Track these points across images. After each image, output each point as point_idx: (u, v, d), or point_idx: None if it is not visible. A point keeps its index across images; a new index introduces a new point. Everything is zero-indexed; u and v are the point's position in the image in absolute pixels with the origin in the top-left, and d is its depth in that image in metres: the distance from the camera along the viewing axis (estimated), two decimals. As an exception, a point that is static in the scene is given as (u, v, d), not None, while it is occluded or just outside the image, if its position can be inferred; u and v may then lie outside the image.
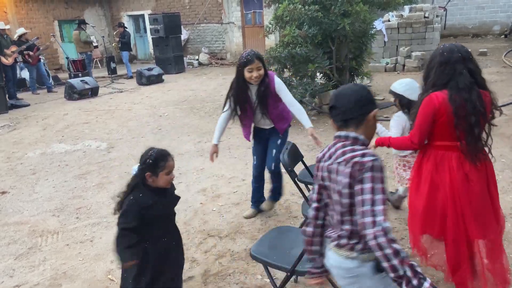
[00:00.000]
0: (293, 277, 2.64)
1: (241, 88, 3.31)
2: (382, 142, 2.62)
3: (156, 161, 2.20)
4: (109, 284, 3.03)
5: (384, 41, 11.45)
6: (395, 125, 3.11)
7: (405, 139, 2.48)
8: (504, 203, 3.75)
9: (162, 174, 2.22)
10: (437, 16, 11.62)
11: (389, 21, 11.48)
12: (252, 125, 3.60)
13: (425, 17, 11.17)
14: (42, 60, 11.70)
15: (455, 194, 2.30)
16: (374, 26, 10.18)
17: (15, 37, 11.13)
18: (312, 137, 3.20)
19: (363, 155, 1.57)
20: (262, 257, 2.31)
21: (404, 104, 3.06)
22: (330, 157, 1.69)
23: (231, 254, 3.29)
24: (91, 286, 3.01)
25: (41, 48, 11.41)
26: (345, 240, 1.65)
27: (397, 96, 3.07)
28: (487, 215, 2.34)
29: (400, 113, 3.13)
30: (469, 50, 2.35)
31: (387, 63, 11.17)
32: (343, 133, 1.69)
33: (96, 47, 12.73)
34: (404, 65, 10.91)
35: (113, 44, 13.46)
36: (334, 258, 1.71)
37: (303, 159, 3.13)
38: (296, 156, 2.97)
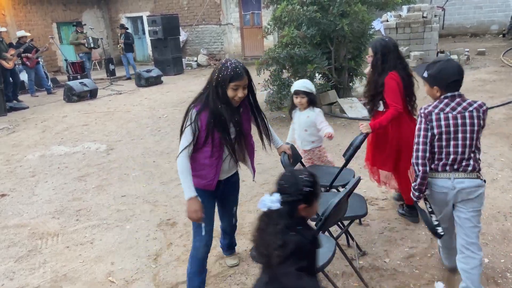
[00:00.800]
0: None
1: (221, 109, 2.36)
2: (376, 127, 3.19)
3: (314, 187, 1.71)
4: (109, 286, 3.02)
5: (383, 41, 11.45)
6: (323, 119, 3.49)
7: (390, 112, 3.16)
8: (504, 202, 3.77)
9: (315, 201, 1.74)
10: (435, 16, 11.63)
11: (387, 21, 11.49)
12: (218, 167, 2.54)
13: (423, 17, 11.18)
14: (41, 63, 11.70)
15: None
16: (372, 26, 10.20)
17: (15, 39, 11.12)
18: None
19: (483, 104, 2.33)
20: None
21: (313, 100, 3.50)
22: (454, 109, 2.31)
23: (240, 258, 3.28)
24: (92, 288, 3.01)
25: (40, 50, 11.39)
26: (473, 167, 2.35)
27: (309, 94, 3.46)
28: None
29: (318, 109, 3.53)
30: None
31: (385, 63, 11.16)
32: (456, 93, 2.33)
33: (92, 48, 12.68)
34: (402, 65, 10.91)
35: (118, 46, 13.50)
36: (467, 181, 2.34)
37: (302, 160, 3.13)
38: (295, 157, 2.97)
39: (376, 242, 3.32)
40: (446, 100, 2.33)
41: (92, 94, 10.73)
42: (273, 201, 1.60)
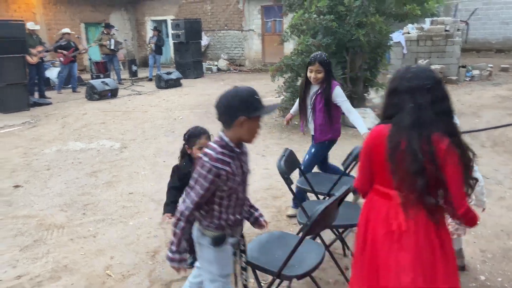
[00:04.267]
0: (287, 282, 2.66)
1: None
2: None
3: (189, 137, 2.79)
4: (106, 279, 3.10)
5: (403, 53, 11.38)
6: None
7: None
8: (508, 220, 3.71)
9: (195, 148, 2.74)
10: (458, 30, 11.48)
11: (408, 33, 11.40)
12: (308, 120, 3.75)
13: (445, 30, 11.06)
14: (75, 62, 12.08)
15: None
16: (391, 38, 10.15)
17: (59, 33, 11.56)
18: None
19: (204, 154, 1.94)
20: (250, 260, 2.34)
21: None
22: None
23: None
24: (89, 280, 3.09)
25: (78, 50, 11.81)
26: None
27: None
28: None
29: None
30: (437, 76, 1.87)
31: (405, 75, 11.08)
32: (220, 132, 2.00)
33: (112, 50, 12.98)
34: (422, 78, 10.80)
35: (148, 46, 13.88)
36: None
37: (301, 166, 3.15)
38: (293, 163, 3.00)
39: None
40: None
41: (112, 93, 10.98)
42: None
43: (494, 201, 4.12)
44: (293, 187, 3.08)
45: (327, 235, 3.14)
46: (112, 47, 12.89)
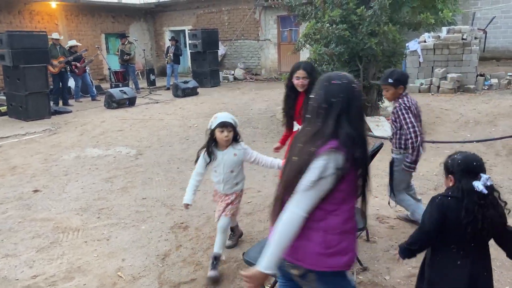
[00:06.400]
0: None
1: None
2: None
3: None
4: (117, 280, 3.20)
5: (419, 62, 11.32)
6: (253, 151, 3.24)
7: None
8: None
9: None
10: (475, 38, 11.36)
11: (425, 42, 11.34)
12: None
13: (463, 39, 10.96)
14: (87, 71, 12.45)
15: None
16: (407, 47, 10.11)
17: (66, 47, 11.94)
18: None
19: None
20: (254, 262, 2.39)
21: (237, 134, 3.07)
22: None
23: (235, 260, 3.39)
24: (101, 281, 3.19)
25: (87, 60, 12.18)
26: None
27: (235, 128, 3.02)
28: None
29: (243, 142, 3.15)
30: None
31: (421, 84, 11.01)
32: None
33: (126, 60, 13.30)
34: (439, 87, 10.72)
35: (167, 56, 14.17)
36: None
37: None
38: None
39: (380, 259, 3.31)
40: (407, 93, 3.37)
41: (130, 101, 11.23)
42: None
43: (506, 211, 4.06)
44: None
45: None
46: (120, 56, 13.30)
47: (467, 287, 2.03)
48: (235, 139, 3.07)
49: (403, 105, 3.44)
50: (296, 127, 3.73)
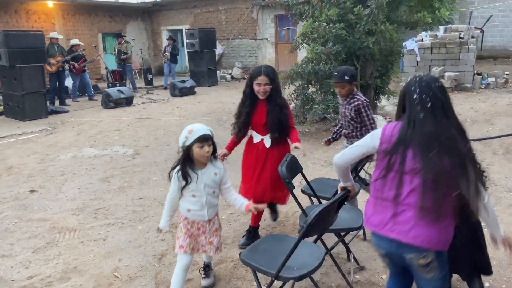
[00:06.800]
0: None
1: None
2: None
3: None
4: (113, 280, 3.19)
5: (417, 61, 11.33)
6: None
7: None
8: None
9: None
10: (472, 37, 11.38)
11: (422, 41, 11.36)
12: None
13: (460, 37, 10.98)
14: (86, 71, 12.43)
15: None
16: (405, 46, 10.12)
17: (68, 46, 11.93)
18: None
19: None
20: (250, 262, 2.39)
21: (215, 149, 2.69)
22: None
23: (232, 260, 3.38)
24: (97, 281, 3.18)
25: (87, 60, 12.16)
26: None
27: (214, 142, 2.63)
28: None
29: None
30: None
31: (418, 83, 11.02)
32: None
33: (123, 59, 13.27)
34: (436, 86, 10.72)
35: (163, 55, 14.17)
36: None
37: (303, 171, 3.20)
38: (295, 167, 3.05)
39: (377, 258, 3.30)
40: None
41: (127, 101, 11.20)
42: None
43: (503, 209, 4.08)
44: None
45: (333, 240, 3.16)
46: (116, 56, 13.30)
47: None
48: (213, 153, 2.64)
49: (365, 102, 3.46)
50: (259, 137, 3.40)
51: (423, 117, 1.87)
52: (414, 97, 1.91)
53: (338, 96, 3.83)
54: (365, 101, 3.47)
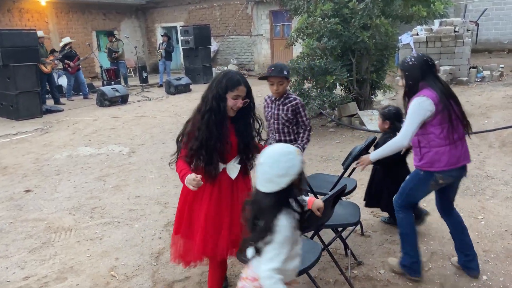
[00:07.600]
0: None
1: None
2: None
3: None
4: (110, 280, 3.16)
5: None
6: None
7: None
8: None
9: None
10: (467, 30, 11.36)
11: (417, 34, 11.34)
12: None
13: (455, 31, 10.96)
14: (80, 69, 12.37)
15: None
16: (400, 40, 10.10)
17: (61, 45, 11.85)
18: None
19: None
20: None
21: None
22: None
23: (229, 257, 3.35)
24: (94, 281, 3.16)
25: (81, 58, 12.09)
26: None
27: None
28: None
29: None
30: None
31: (414, 77, 11.02)
32: None
33: (115, 57, 13.23)
34: (431, 80, 10.73)
35: (158, 52, 14.12)
36: None
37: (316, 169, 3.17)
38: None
39: (375, 253, 3.30)
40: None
41: (123, 99, 11.15)
42: None
43: (500, 201, 4.08)
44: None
45: (330, 236, 3.15)
46: (107, 55, 13.29)
47: None
48: None
49: (302, 102, 3.32)
50: (220, 166, 2.45)
51: (437, 78, 2.66)
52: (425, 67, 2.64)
53: (266, 97, 3.42)
54: (301, 101, 3.31)
